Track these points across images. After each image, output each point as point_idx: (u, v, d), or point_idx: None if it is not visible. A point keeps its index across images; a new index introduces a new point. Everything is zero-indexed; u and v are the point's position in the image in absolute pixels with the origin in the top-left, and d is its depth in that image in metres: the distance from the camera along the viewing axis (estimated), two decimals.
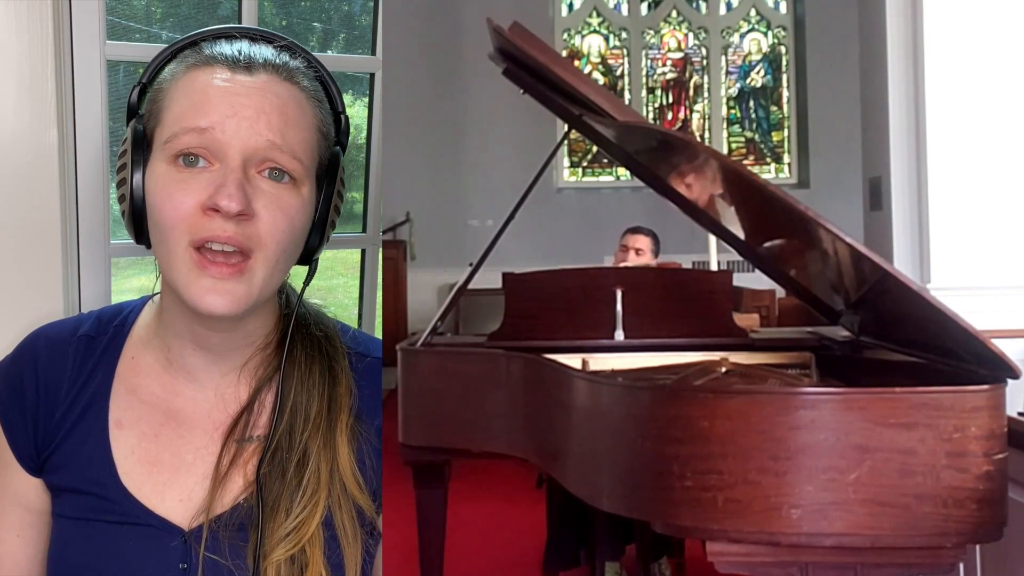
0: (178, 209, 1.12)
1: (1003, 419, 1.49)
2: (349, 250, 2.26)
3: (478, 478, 3.90)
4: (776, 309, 5.16)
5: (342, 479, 1.24)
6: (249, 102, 1.13)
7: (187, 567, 1.20)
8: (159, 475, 1.24)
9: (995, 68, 3.49)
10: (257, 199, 1.13)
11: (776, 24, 7.79)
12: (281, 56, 1.19)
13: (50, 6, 1.55)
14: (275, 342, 1.28)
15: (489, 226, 6.67)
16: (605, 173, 7.70)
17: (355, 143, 2.21)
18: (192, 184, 1.12)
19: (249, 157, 1.13)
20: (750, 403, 1.49)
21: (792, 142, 7.74)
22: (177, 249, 1.13)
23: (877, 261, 1.55)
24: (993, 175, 3.50)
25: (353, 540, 1.24)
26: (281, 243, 1.15)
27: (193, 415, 1.26)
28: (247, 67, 1.15)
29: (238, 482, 1.22)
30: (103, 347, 1.29)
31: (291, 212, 1.16)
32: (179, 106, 1.15)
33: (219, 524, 1.21)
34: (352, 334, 1.35)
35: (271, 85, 1.15)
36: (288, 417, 1.23)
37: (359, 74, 2.24)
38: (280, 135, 1.14)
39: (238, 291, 1.13)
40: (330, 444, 1.24)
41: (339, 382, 1.27)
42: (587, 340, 2.34)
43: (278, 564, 1.19)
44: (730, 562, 1.55)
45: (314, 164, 1.21)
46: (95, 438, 1.25)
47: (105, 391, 1.26)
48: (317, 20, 2.31)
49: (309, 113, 1.20)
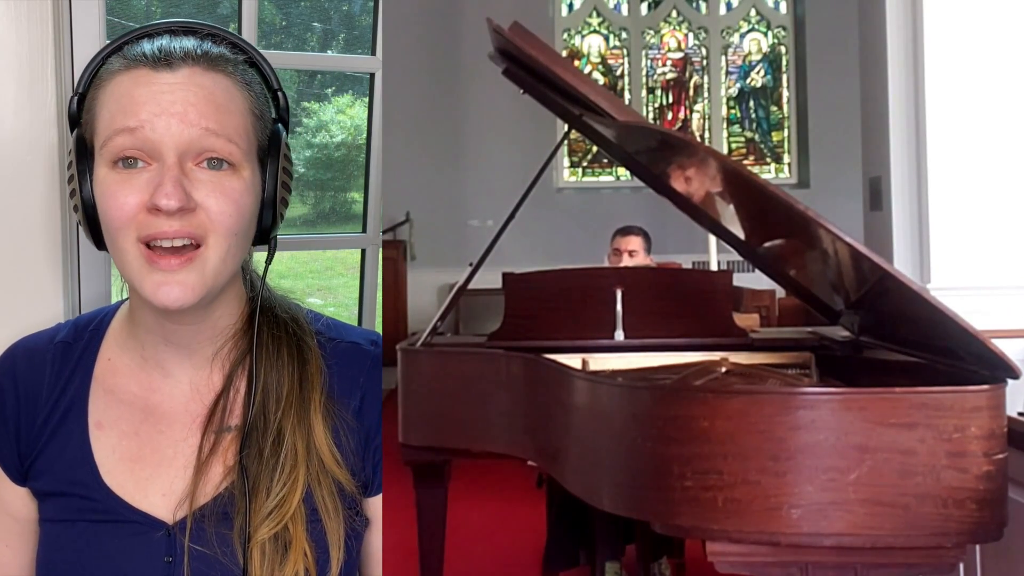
0: (122, 209, 1.14)
1: (1003, 419, 1.49)
2: (349, 250, 2.26)
3: (478, 478, 3.89)
4: (776, 309, 5.16)
5: (319, 455, 1.25)
6: (174, 98, 1.14)
7: (172, 560, 1.21)
8: (141, 471, 1.25)
9: (995, 68, 3.49)
10: (197, 190, 1.15)
11: (776, 24, 7.79)
12: (203, 46, 1.19)
13: (50, 6, 1.55)
14: (243, 328, 1.29)
15: (489, 226, 6.67)
16: (605, 173, 7.70)
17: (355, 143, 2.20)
18: (133, 184, 1.14)
19: (184, 151, 1.15)
20: (750, 403, 1.49)
21: (792, 142, 7.74)
22: (126, 246, 1.15)
23: (877, 261, 1.55)
24: (993, 175, 3.49)
25: (335, 515, 1.25)
26: (230, 227, 1.17)
27: (171, 410, 1.27)
28: (168, 64, 1.16)
29: (218, 471, 1.24)
30: (80, 352, 1.31)
31: (235, 196, 1.17)
32: (108, 111, 1.16)
33: (202, 514, 1.22)
34: (325, 321, 1.37)
35: (194, 77, 1.16)
36: (261, 398, 1.24)
37: (359, 74, 2.25)
38: (213, 121, 1.16)
39: (190, 280, 1.15)
40: (304, 422, 1.25)
41: (308, 360, 1.29)
42: (587, 340, 2.34)
43: (262, 543, 1.20)
44: (730, 562, 1.55)
45: (252, 147, 1.21)
46: (76, 441, 1.26)
47: (84, 394, 1.28)
48: (317, 20, 2.31)
49: (238, 97, 1.20)
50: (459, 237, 7.00)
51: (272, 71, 1.27)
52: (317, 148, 6.22)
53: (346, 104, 6.12)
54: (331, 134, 6.13)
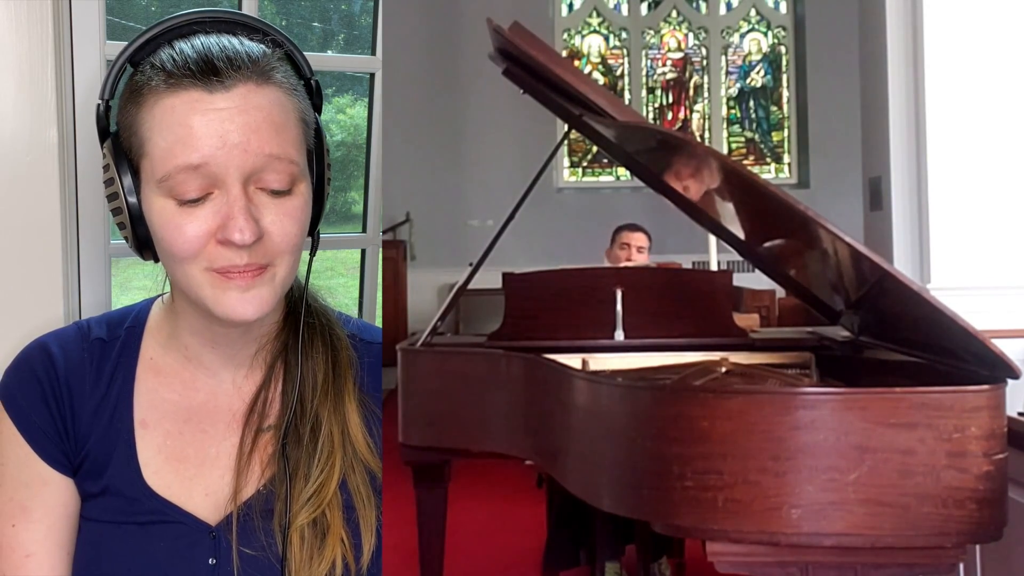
0: (190, 243, 1.11)
1: (1003, 419, 1.49)
2: (349, 250, 2.26)
3: (478, 478, 3.89)
4: (776, 309, 5.16)
5: (353, 442, 1.27)
6: (234, 126, 1.10)
7: (216, 562, 1.21)
8: (185, 471, 1.25)
9: (995, 68, 3.49)
10: (264, 216, 1.12)
11: (776, 24, 7.79)
12: (248, 49, 1.13)
13: (50, 6, 1.54)
14: (282, 324, 1.31)
15: (489, 226, 6.67)
16: (605, 173, 7.70)
17: (355, 143, 2.20)
18: (197, 215, 1.11)
19: (247, 177, 1.11)
20: (750, 403, 1.49)
21: (792, 142, 7.74)
22: (194, 273, 1.13)
23: (877, 261, 1.55)
24: (993, 175, 3.49)
25: (368, 502, 1.26)
26: (295, 245, 1.17)
27: (214, 409, 1.27)
28: (220, 82, 1.09)
29: (258, 468, 1.25)
30: (119, 350, 1.29)
31: (296, 214, 1.16)
32: (164, 141, 1.10)
33: (246, 512, 1.23)
34: (355, 323, 1.38)
35: (250, 98, 1.11)
36: (299, 386, 1.25)
37: (359, 74, 2.25)
38: (274, 145, 1.12)
39: (263, 294, 1.15)
40: (340, 409, 1.27)
41: (339, 349, 1.30)
42: (587, 340, 2.34)
43: (302, 529, 1.21)
44: (730, 562, 1.55)
45: (305, 156, 1.19)
46: (123, 441, 1.25)
47: (128, 393, 1.27)
48: (317, 20, 2.31)
49: (290, 109, 1.16)
50: (459, 237, 7.00)
51: (303, 58, 1.22)
52: None
53: (346, 104, 6.12)
54: (331, 134, 6.12)
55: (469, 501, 3.61)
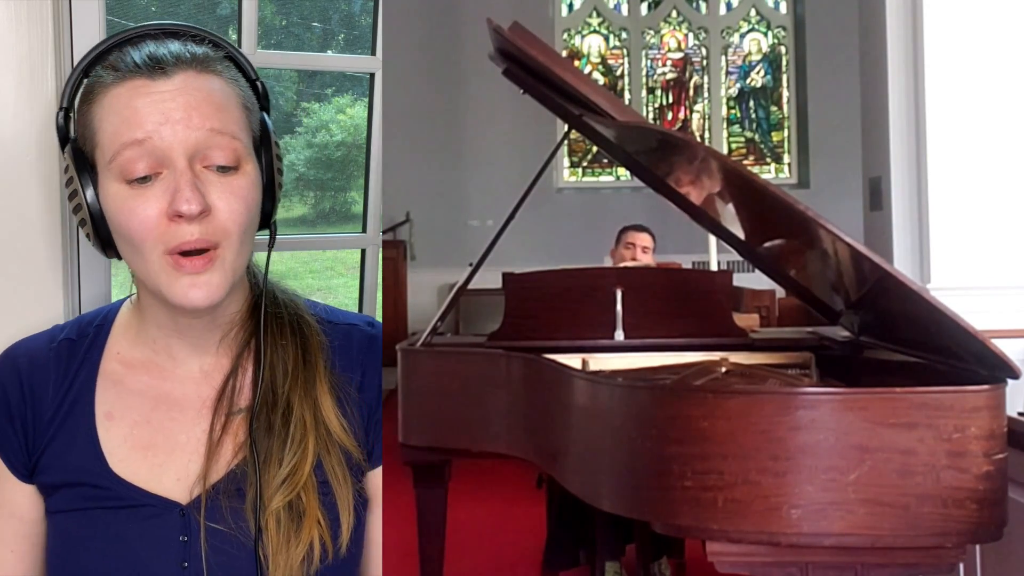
0: (144, 223, 1.17)
1: (1003, 419, 1.49)
2: (349, 250, 2.26)
3: (478, 478, 3.90)
4: (776, 309, 5.16)
5: (326, 424, 1.30)
6: (175, 104, 1.18)
7: (187, 539, 1.24)
8: (154, 458, 1.28)
9: (995, 68, 3.48)
10: (210, 192, 1.19)
11: (776, 24, 7.79)
12: (190, 48, 1.23)
13: (50, 6, 1.55)
14: (248, 313, 1.34)
15: (489, 226, 6.67)
16: (605, 173, 7.70)
17: (355, 143, 2.20)
18: (149, 195, 1.18)
19: (193, 154, 1.18)
20: (750, 403, 1.49)
21: (792, 142, 7.74)
22: (152, 257, 1.19)
23: (877, 261, 1.55)
24: (993, 175, 3.49)
25: (344, 482, 1.29)
26: (243, 225, 1.22)
27: (182, 396, 1.31)
28: (163, 70, 1.19)
29: (229, 449, 1.27)
30: (86, 347, 1.34)
31: (242, 193, 1.22)
32: (111, 125, 1.19)
33: (216, 491, 1.25)
34: (323, 307, 1.42)
35: (190, 81, 1.20)
36: (268, 372, 1.29)
37: (359, 74, 2.25)
38: (216, 120, 1.20)
39: (214, 280, 1.20)
40: (311, 393, 1.30)
41: (309, 335, 1.34)
42: (587, 340, 2.34)
43: (277, 513, 1.24)
44: (730, 562, 1.55)
45: (250, 139, 1.26)
46: (84, 432, 1.29)
47: (90, 386, 1.31)
48: (317, 20, 2.31)
49: (232, 94, 1.25)
50: (459, 237, 7.00)
51: (248, 61, 1.31)
52: (317, 148, 6.22)
53: (346, 104, 6.12)
54: (331, 134, 6.13)
55: (469, 501, 3.61)
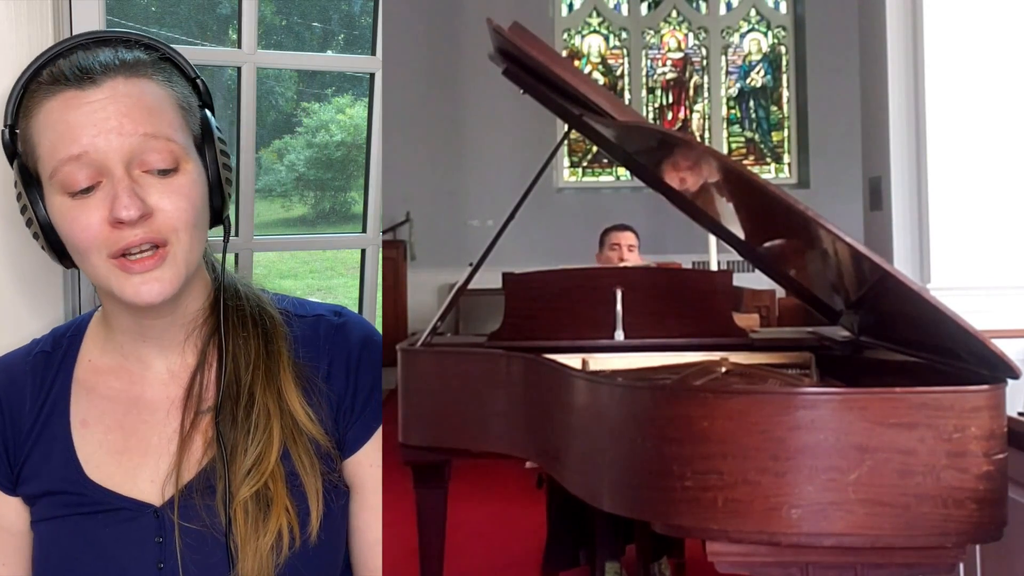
0: (87, 231, 1.19)
1: (1003, 419, 1.49)
2: (349, 250, 2.26)
3: (478, 478, 3.89)
4: (776, 309, 5.16)
5: (292, 413, 1.30)
6: (107, 113, 1.18)
7: (163, 539, 1.26)
8: (128, 462, 1.30)
9: (995, 68, 3.48)
10: (150, 195, 1.20)
11: (776, 24, 7.79)
12: (119, 54, 1.23)
13: (50, 6, 1.55)
14: (210, 310, 1.35)
15: (489, 226, 6.67)
16: (605, 173, 7.70)
17: (355, 143, 2.21)
18: (90, 205, 1.19)
19: (129, 160, 1.19)
20: (750, 403, 1.49)
21: (792, 142, 7.74)
22: (98, 263, 1.21)
23: (877, 261, 1.55)
24: (993, 175, 3.49)
25: (312, 471, 1.30)
26: (188, 221, 1.23)
27: (152, 398, 1.32)
28: (91, 79, 1.19)
29: (199, 446, 1.29)
30: (60, 358, 1.36)
31: (185, 191, 1.23)
32: (48, 140, 1.20)
33: (189, 491, 1.27)
34: (290, 300, 1.43)
35: (119, 88, 1.20)
36: (231, 365, 1.30)
37: (359, 74, 2.25)
38: (148, 125, 1.20)
39: (166, 275, 1.21)
40: (273, 382, 1.31)
41: (270, 326, 1.35)
42: (587, 340, 2.34)
43: (245, 503, 1.25)
44: (730, 562, 1.55)
45: (189, 138, 1.26)
46: (60, 441, 1.31)
47: (65, 395, 1.33)
48: (317, 20, 2.31)
49: (164, 96, 1.25)
50: (459, 237, 7.00)
51: (187, 61, 1.31)
52: (317, 148, 6.23)
53: (346, 104, 6.12)
54: (331, 134, 6.13)
55: (469, 501, 3.61)
